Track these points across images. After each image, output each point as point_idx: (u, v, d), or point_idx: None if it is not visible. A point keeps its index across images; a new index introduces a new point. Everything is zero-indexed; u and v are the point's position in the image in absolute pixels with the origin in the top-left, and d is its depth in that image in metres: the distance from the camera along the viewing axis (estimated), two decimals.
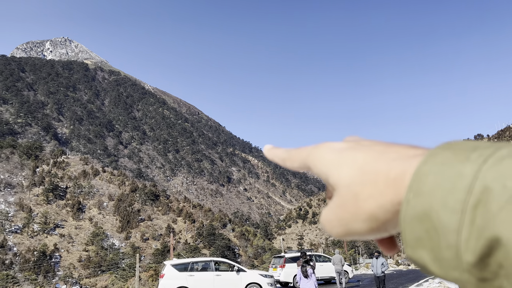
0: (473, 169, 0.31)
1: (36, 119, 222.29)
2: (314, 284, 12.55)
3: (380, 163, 0.37)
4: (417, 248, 0.33)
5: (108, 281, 49.97)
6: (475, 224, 0.30)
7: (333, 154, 0.41)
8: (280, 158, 0.49)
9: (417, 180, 0.33)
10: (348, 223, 0.38)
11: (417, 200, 0.33)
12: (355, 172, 0.38)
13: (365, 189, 0.37)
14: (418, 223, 0.32)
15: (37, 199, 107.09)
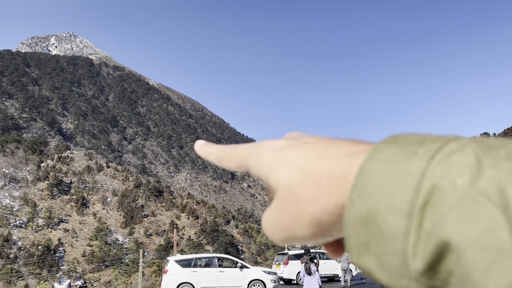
0: (420, 166, 0.28)
1: (41, 114, 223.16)
2: (317, 282, 12.49)
3: (323, 162, 0.33)
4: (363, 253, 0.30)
5: (111, 276, 50.18)
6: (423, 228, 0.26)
7: (273, 153, 0.37)
8: (215, 157, 0.45)
9: (361, 179, 0.30)
10: (290, 228, 0.35)
11: (362, 201, 0.29)
12: (296, 173, 0.35)
13: (308, 191, 0.33)
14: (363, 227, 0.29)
15: (41, 194, 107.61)
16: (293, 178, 0.34)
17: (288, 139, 0.38)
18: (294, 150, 0.36)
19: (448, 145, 0.28)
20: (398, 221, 0.27)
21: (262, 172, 0.38)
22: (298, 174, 0.34)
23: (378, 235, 0.28)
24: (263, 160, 0.38)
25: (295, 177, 0.34)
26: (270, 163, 0.37)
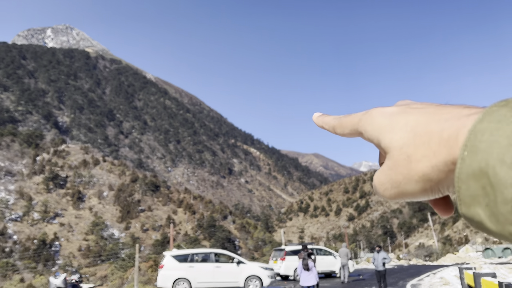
0: None
1: (36, 107, 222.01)
2: (315, 278, 12.34)
3: (433, 124, 0.37)
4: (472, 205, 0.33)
5: (107, 271, 50.01)
6: None
7: (384, 118, 0.42)
8: (330, 125, 0.49)
9: (472, 138, 0.33)
10: (401, 184, 0.39)
11: (473, 157, 0.33)
12: (407, 135, 0.38)
13: (418, 150, 0.37)
14: (474, 180, 0.33)
15: (37, 187, 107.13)
16: (404, 139, 0.38)
17: (399, 106, 0.43)
18: (405, 115, 0.40)
19: None
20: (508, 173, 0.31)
21: (373, 136, 0.42)
22: (408, 135, 0.38)
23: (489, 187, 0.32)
24: (375, 125, 0.42)
25: (406, 138, 0.38)
26: (381, 127, 0.41)
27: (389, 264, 45.20)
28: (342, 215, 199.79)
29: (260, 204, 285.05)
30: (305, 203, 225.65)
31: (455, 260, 47.45)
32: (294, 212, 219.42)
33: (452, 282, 17.36)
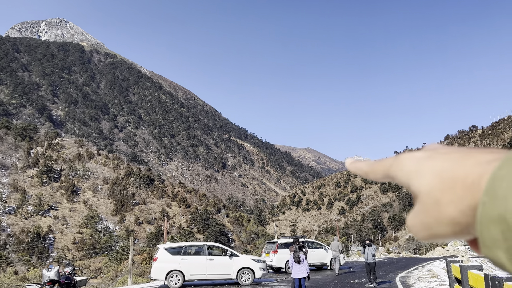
0: None
1: (30, 101, 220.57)
2: (306, 270, 12.69)
3: (458, 170, 0.39)
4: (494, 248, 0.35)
5: (102, 263, 50.29)
6: None
7: (413, 163, 0.43)
8: (363, 171, 0.52)
9: (492, 184, 0.36)
10: (432, 227, 0.40)
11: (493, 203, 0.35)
12: (434, 180, 0.40)
13: (445, 195, 0.39)
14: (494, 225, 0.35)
15: (31, 180, 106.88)
16: (431, 184, 0.40)
17: (426, 151, 0.44)
18: (431, 160, 0.41)
19: None
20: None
21: (403, 181, 0.44)
22: (435, 181, 0.40)
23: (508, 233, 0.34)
24: (404, 170, 0.44)
25: (433, 183, 0.40)
26: (410, 172, 0.43)
27: (378, 256, 45.83)
28: (333, 209, 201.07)
29: (254, 198, 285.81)
30: (298, 197, 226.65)
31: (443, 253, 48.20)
32: (286, 206, 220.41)
33: (440, 275, 17.81)
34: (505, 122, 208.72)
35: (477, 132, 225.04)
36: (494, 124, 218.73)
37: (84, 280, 15.02)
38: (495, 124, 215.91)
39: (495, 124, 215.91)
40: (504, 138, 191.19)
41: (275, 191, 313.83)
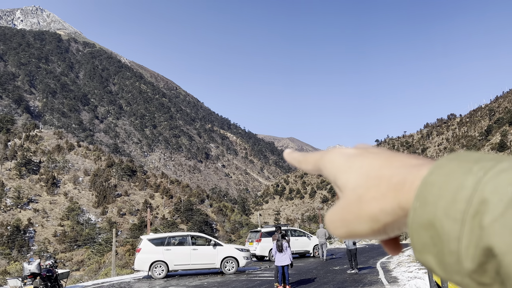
0: (473, 181, 0.33)
1: (6, 91, 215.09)
2: (289, 258, 12.85)
3: (384, 169, 0.40)
4: (424, 253, 0.36)
5: (84, 256, 49.89)
6: (473, 233, 0.32)
7: (343, 159, 0.45)
8: (296, 160, 0.53)
9: (423, 190, 0.36)
10: (351, 224, 0.41)
11: (423, 209, 0.35)
12: (361, 177, 0.42)
13: (369, 192, 0.40)
14: (424, 230, 0.35)
15: (9, 173, 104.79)
16: (357, 181, 0.42)
17: (358, 149, 0.46)
18: (361, 158, 0.44)
19: (500, 164, 0.33)
20: (453, 227, 0.33)
21: (331, 174, 0.45)
22: (362, 177, 0.41)
23: (437, 238, 0.34)
24: (334, 164, 0.45)
25: (359, 180, 0.41)
26: (339, 167, 0.44)
27: (360, 243, 46.59)
28: (316, 197, 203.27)
29: (237, 188, 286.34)
30: (281, 186, 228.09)
31: None
32: (270, 195, 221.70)
33: None
34: (482, 110, 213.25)
35: (455, 120, 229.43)
36: (471, 112, 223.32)
37: (66, 273, 14.91)
38: (473, 112, 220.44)
39: (473, 112, 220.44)
40: (481, 126, 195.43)
41: (259, 181, 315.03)
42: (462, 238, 0.33)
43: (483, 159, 0.35)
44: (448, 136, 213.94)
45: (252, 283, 14.54)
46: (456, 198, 0.33)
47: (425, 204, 0.35)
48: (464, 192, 0.33)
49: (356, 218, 0.41)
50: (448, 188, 0.34)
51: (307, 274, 16.12)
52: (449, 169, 0.35)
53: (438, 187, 0.35)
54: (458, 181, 0.34)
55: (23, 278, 12.15)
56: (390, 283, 12.72)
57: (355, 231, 0.41)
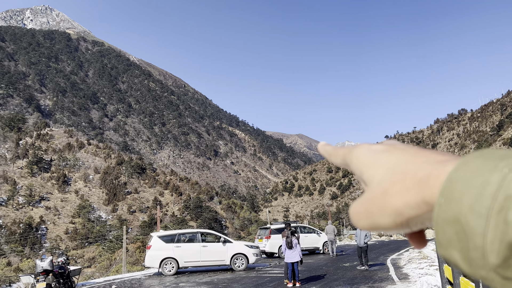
0: (499, 178, 0.34)
1: (17, 90, 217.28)
2: (298, 254, 12.84)
3: (410, 165, 0.41)
4: (449, 248, 0.36)
5: (95, 253, 50.36)
6: (498, 229, 0.33)
7: (370, 154, 0.47)
8: (328, 153, 0.55)
9: (448, 186, 0.36)
10: (375, 216, 0.42)
11: (448, 205, 0.36)
12: (386, 172, 0.43)
13: (394, 186, 0.41)
14: (449, 226, 0.36)
15: (21, 171, 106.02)
16: (383, 175, 0.43)
17: (385, 145, 0.48)
18: (387, 153, 0.45)
19: None
20: (478, 223, 0.33)
21: (358, 169, 0.47)
22: (388, 172, 0.43)
23: (462, 234, 0.35)
24: (360, 159, 0.47)
25: (385, 174, 0.43)
26: (366, 162, 0.46)
27: (370, 240, 46.43)
28: (325, 194, 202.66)
29: (246, 185, 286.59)
30: (290, 183, 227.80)
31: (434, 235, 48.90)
32: (279, 192, 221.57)
33: (430, 256, 18.12)
34: (494, 105, 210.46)
35: (466, 115, 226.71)
36: (483, 107, 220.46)
37: (78, 270, 15.05)
38: (484, 107, 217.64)
39: (484, 107, 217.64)
40: (493, 120, 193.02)
41: (267, 178, 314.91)
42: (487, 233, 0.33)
43: (509, 156, 0.35)
44: (459, 132, 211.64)
45: (262, 280, 14.56)
46: (481, 194, 0.34)
47: (451, 200, 0.35)
48: (490, 188, 0.34)
49: (380, 211, 0.42)
50: (473, 184, 0.35)
51: (317, 271, 16.10)
52: (475, 166, 0.36)
53: (463, 183, 0.35)
54: (484, 178, 0.34)
55: (36, 275, 12.27)
56: (400, 279, 12.66)
57: (379, 224, 0.42)
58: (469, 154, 0.38)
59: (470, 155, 0.38)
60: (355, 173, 0.48)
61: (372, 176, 0.44)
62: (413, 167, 0.41)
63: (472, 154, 0.38)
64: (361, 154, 0.47)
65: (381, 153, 0.45)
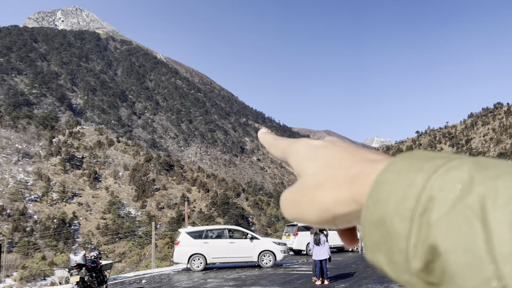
0: (423, 179, 0.33)
1: (50, 90, 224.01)
2: (327, 252, 12.71)
3: (345, 162, 0.40)
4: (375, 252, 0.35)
5: (125, 248, 51.43)
6: (421, 231, 0.31)
7: (308, 149, 0.45)
8: (268, 143, 0.54)
9: (376, 188, 0.35)
10: (302, 207, 0.41)
11: (375, 207, 0.35)
12: (322, 166, 0.42)
13: (327, 180, 0.40)
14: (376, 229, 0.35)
15: (54, 168, 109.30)
16: (318, 169, 0.42)
17: (324, 141, 0.47)
18: (326, 149, 0.44)
19: (450, 162, 0.33)
20: (402, 225, 0.32)
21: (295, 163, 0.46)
22: (323, 166, 0.42)
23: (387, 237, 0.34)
24: (299, 153, 0.46)
25: (320, 168, 0.42)
26: (304, 156, 0.45)
27: None
28: None
29: (273, 182, 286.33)
30: None
31: None
32: None
33: None
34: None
35: (502, 109, 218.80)
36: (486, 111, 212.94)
37: (109, 264, 15.36)
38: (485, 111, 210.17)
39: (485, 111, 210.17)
40: None
41: (294, 174, 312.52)
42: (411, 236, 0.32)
43: (436, 157, 0.34)
44: (495, 126, 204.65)
45: (290, 277, 14.49)
46: (406, 195, 0.33)
47: (377, 201, 0.35)
48: (414, 190, 0.33)
49: (308, 203, 0.41)
50: (399, 186, 0.34)
51: (346, 269, 15.90)
52: (402, 167, 0.35)
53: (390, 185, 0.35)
54: (409, 179, 0.34)
55: (69, 268, 12.58)
56: None
57: (304, 215, 0.42)
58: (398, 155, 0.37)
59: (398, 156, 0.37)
60: (292, 167, 0.47)
61: (307, 168, 0.43)
62: (348, 163, 0.40)
63: (401, 154, 0.37)
64: (300, 148, 0.46)
65: (320, 148, 0.45)
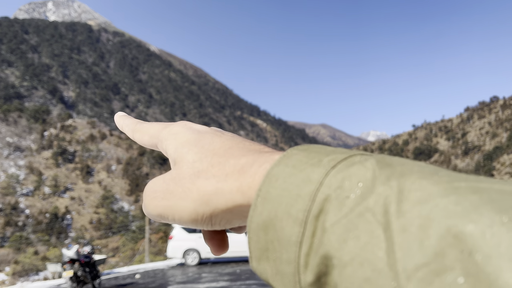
0: (321, 174, 0.26)
1: (41, 82, 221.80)
2: None
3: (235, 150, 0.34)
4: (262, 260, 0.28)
5: (119, 243, 51.20)
6: (315, 238, 0.24)
7: (192, 133, 0.37)
8: (130, 128, 0.45)
9: (266, 183, 0.28)
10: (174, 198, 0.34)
11: (264, 206, 0.27)
12: (206, 152, 0.34)
13: (211, 168, 0.33)
14: (263, 232, 0.27)
15: (46, 162, 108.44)
16: (201, 155, 0.34)
17: (211, 128, 0.39)
18: (213, 135, 0.36)
19: (352, 157, 0.27)
20: (293, 229, 0.25)
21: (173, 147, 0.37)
22: (208, 153, 0.34)
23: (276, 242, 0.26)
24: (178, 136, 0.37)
25: (204, 154, 0.34)
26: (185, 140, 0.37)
27: None
28: None
29: None
30: None
31: None
32: None
33: None
34: None
35: (498, 103, 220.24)
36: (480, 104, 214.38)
37: (103, 259, 15.13)
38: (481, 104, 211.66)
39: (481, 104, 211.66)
40: None
41: None
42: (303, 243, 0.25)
43: (336, 152, 0.28)
44: (491, 120, 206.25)
45: None
46: (299, 193, 0.26)
47: (267, 200, 0.27)
48: (309, 187, 0.26)
49: (183, 193, 0.33)
50: (292, 182, 0.27)
51: None
52: (297, 160, 0.28)
53: (282, 180, 0.27)
54: (304, 174, 0.27)
55: (62, 263, 12.36)
56: None
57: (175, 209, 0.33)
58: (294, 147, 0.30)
59: (294, 148, 0.30)
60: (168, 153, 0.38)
61: (187, 154, 0.35)
62: (238, 152, 0.33)
63: (297, 147, 0.30)
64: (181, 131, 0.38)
65: (206, 134, 0.37)
